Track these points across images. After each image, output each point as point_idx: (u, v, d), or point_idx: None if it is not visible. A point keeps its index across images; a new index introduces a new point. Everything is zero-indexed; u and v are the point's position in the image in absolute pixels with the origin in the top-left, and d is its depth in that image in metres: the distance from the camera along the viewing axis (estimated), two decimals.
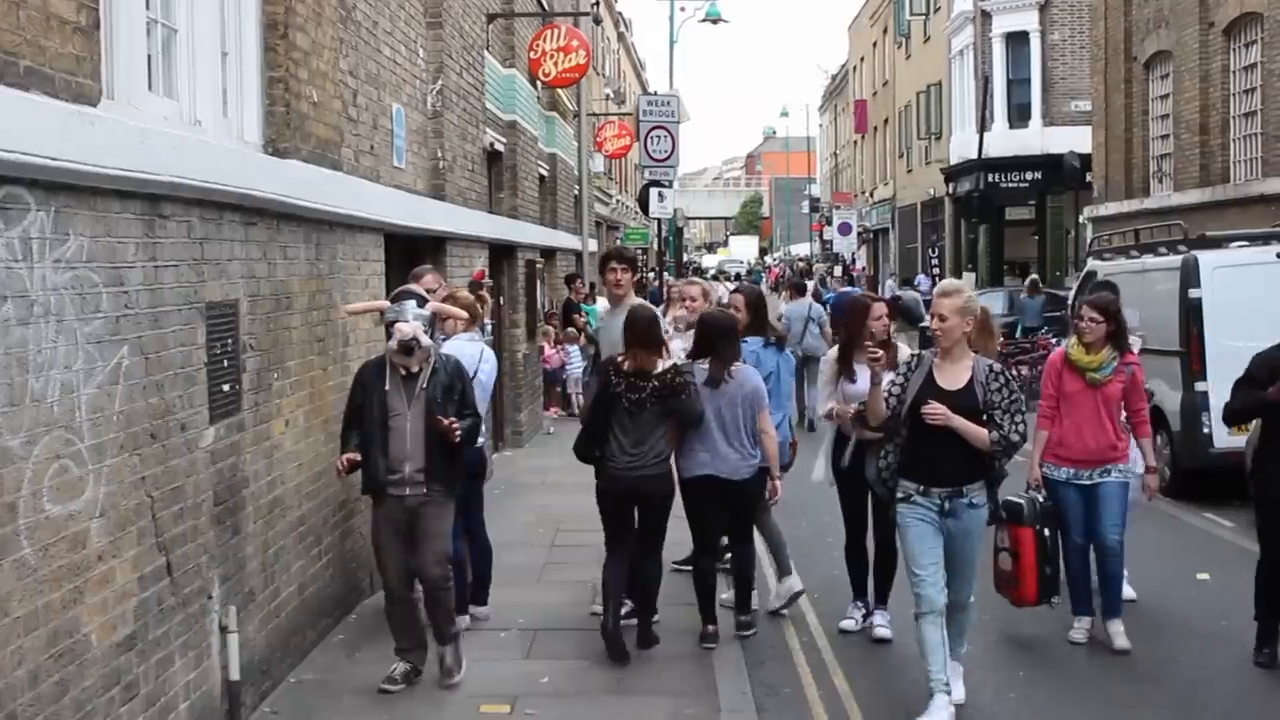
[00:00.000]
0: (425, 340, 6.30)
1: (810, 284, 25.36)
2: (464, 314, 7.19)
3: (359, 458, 6.35)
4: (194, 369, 5.44)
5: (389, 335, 6.33)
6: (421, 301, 6.40)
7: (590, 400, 7.37)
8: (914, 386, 6.14)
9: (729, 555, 7.83)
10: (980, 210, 29.68)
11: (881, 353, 6.40)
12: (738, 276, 50.10)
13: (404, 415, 6.31)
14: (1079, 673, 6.90)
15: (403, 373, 6.34)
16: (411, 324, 6.24)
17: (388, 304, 6.47)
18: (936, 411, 5.98)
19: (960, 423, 5.96)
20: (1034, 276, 24.50)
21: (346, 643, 7.27)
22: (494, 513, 10.16)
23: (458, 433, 6.27)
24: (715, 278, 45.87)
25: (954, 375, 6.10)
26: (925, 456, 6.09)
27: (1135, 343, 7.78)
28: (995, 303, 22.17)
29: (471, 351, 7.37)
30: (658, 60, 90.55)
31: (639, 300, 7.88)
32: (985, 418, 5.99)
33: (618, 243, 37.63)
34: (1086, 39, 26.91)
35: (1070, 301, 15.10)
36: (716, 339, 7.23)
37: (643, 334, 6.95)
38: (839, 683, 6.76)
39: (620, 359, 6.99)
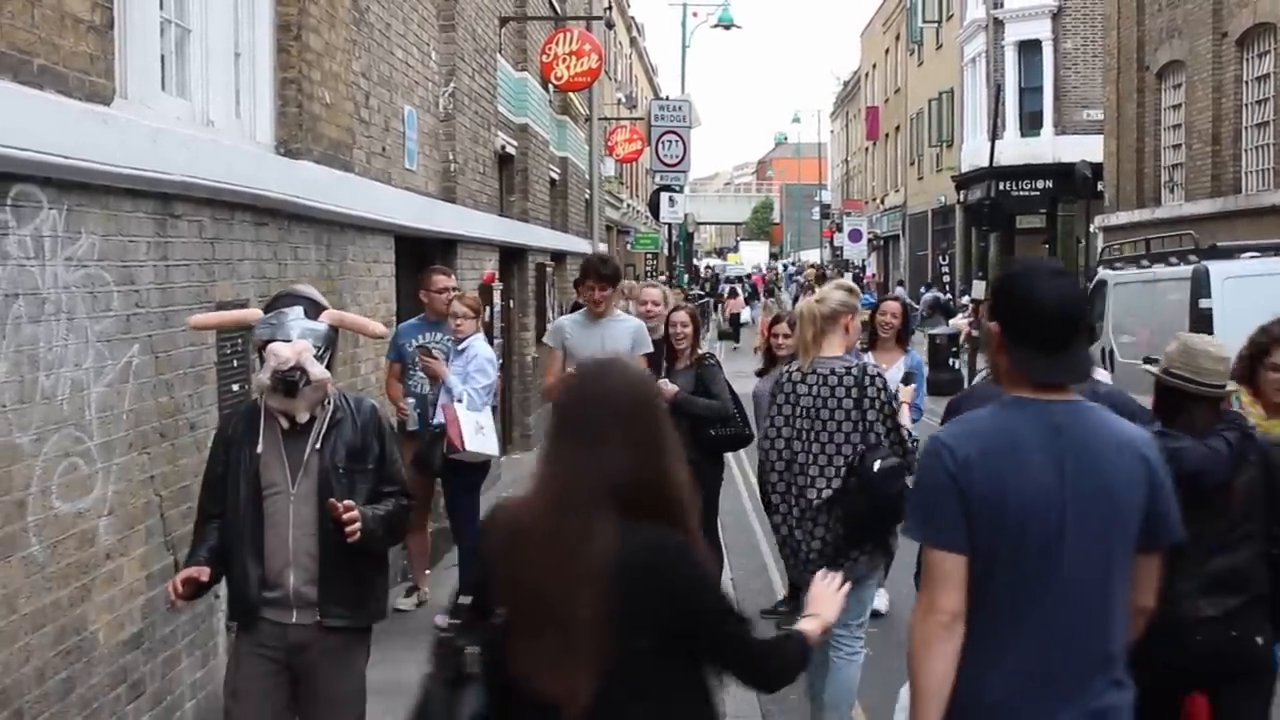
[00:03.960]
0: (318, 370, 3.97)
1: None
2: (381, 329, 5.33)
3: (203, 576, 4.00)
4: (204, 368, 5.45)
5: (260, 362, 4.07)
6: (313, 309, 4.14)
7: None
8: None
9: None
10: (991, 218, 29.57)
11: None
12: (738, 280, 50.08)
13: (286, 493, 4.02)
14: None
15: (284, 425, 4.05)
16: (296, 343, 3.96)
17: (256, 313, 4.21)
18: None
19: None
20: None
21: None
22: None
23: (356, 527, 3.92)
24: (716, 282, 45.77)
25: None
26: None
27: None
28: None
29: (490, 353, 7.54)
30: (670, 65, 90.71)
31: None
32: None
33: (627, 247, 37.61)
34: (1099, 48, 26.88)
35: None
36: None
37: None
38: None
39: None
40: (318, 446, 4.06)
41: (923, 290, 35.69)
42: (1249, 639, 4.17)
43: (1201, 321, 11.13)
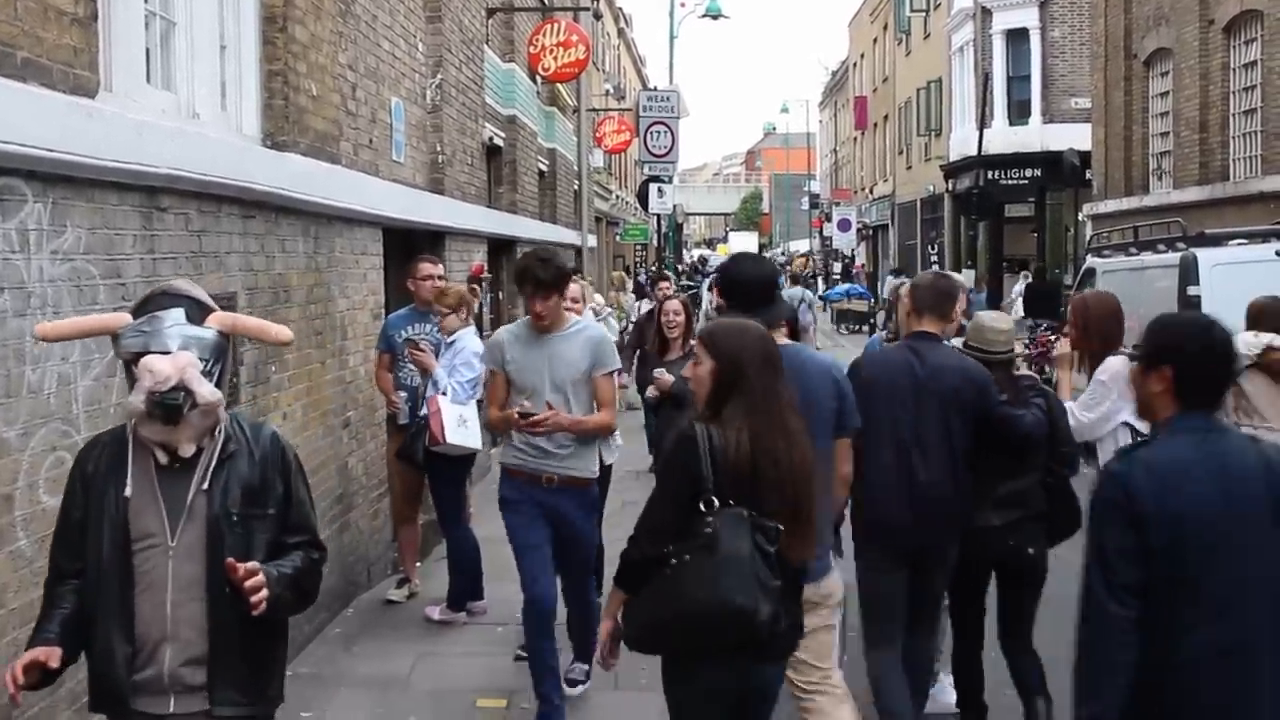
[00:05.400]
0: (206, 390, 3.17)
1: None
2: (287, 334, 3.63)
3: (52, 660, 3.11)
4: None
5: (131, 380, 3.21)
6: (197, 310, 3.30)
7: None
8: None
9: None
10: (980, 207, 29.57)
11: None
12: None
13: (164, 546, 3.22)
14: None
15: (161, 459, 3.25)
16: (177, 356, 3.16)
17: (123, 317, 3.30)
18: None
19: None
20: (978, 273, 26.92)
21: (344, 636, 7.28)
22: (493, 509, 10.15)
23: (263, 596, 3.16)
24: (693, 274, 45.64)
25: None
26: None
27: None
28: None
29: (477, 346, 7.47)
30: (658, 56, 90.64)
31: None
32: None
33: (616, 238, 37.55)
34: (1086, 36, 26.89)
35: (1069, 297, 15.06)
36: None
37: None
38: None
39: None
40: (204, 487, 3.24)
41: (890, 276, 35.73)
42: (1023, 548, 5.47)
43: (1190, 308, 11.16)
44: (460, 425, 7.18)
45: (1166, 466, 3.24)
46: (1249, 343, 6.80)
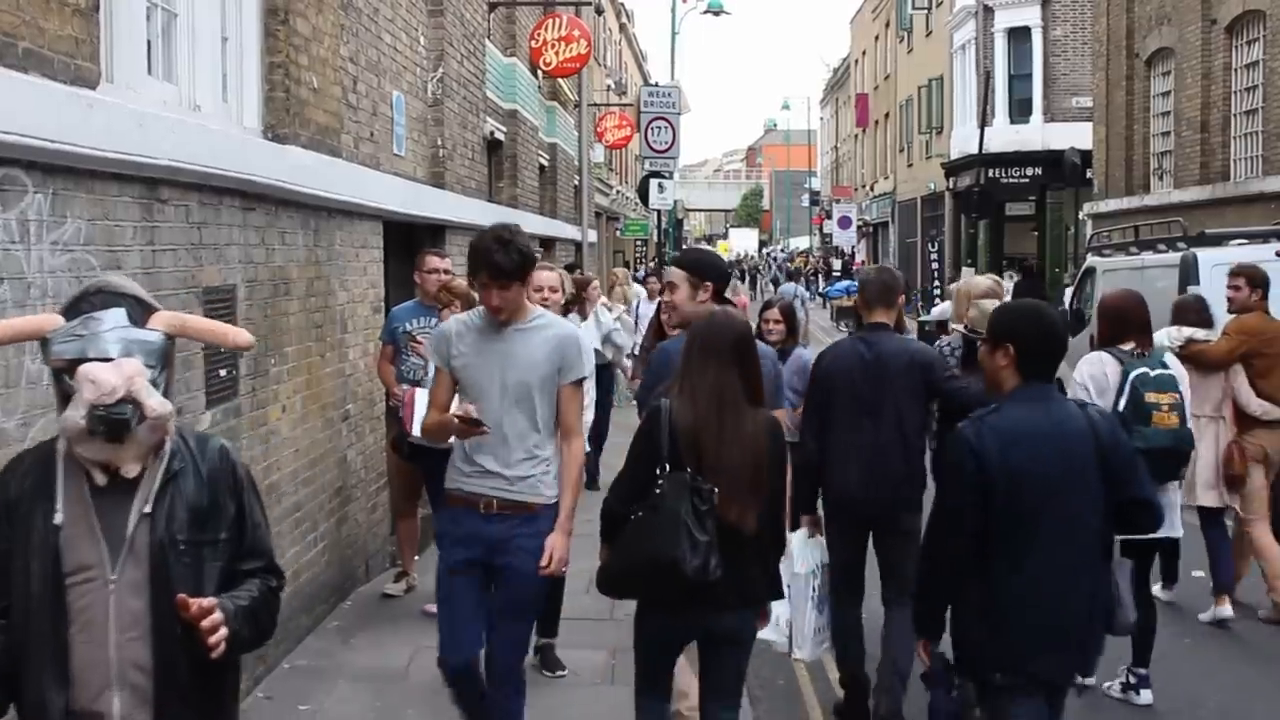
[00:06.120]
0: (155, 402, 2.79)
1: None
2: (247, 338, 3.28)
3: None
4: (190, 353, 5.43)
5: (62, 392, 2.82)
6: (139, 310, 2.90)
7: None
8: None
9: None
10: (980, 205, 29.56)
11: None
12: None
13: (103, 580, 2.82)
14: None
15: (99, 480, 2.83)
16: (122, 364, 2.77)
17: (54, 319, 2.87)
18: None
19: None
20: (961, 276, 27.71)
21: (341, 629, 7.28)
22: None
23: (222, 636, 2.80)
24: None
25: None
26: None
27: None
28: None
29: None
30: (659, 51, 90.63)
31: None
32: None
33: (617, 233, 37.46)
34: (1088, 35, 26.88)
35: (1070, 298, 15.06)
36: None
37: None
38: (833, 675, 6.77)
39: None
40: (147, 510, 2.84)
41: None
42: None
43: None
44: None
45: (1010, 430, 3.88)
46: (1172, 335, 7.24)
